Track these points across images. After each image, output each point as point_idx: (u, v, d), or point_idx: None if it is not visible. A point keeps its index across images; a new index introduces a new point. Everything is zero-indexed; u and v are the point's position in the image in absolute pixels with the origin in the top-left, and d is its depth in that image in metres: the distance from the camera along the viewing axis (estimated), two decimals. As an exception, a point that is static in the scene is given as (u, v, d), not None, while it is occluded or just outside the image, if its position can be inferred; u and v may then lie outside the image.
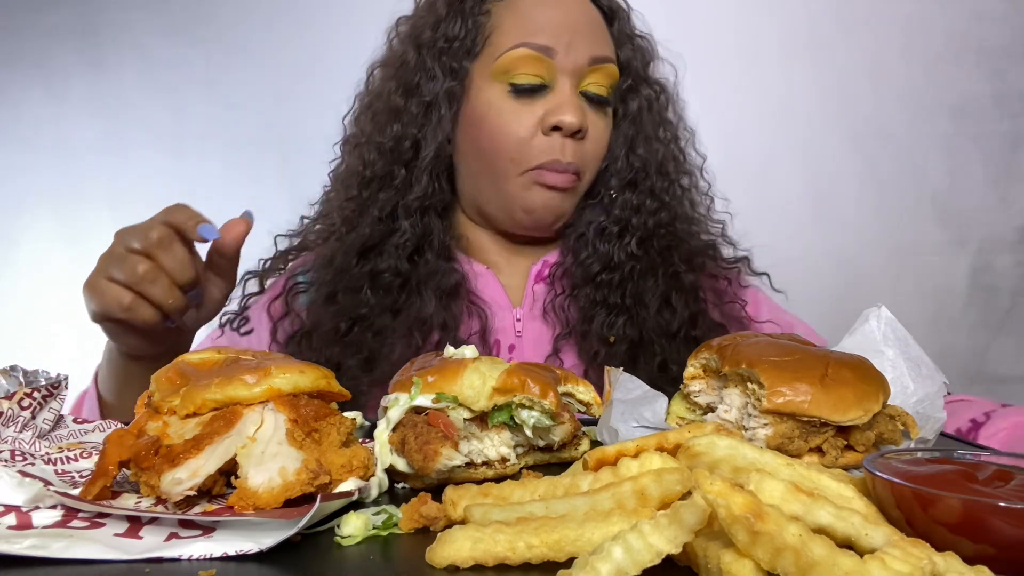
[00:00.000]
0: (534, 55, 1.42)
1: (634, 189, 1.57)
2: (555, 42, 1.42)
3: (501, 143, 1.45)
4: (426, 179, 1.49)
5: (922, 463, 0.70)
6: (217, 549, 0.66)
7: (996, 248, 2.59)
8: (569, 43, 1.43)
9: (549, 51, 1.42)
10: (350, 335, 1.47)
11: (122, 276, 1.14)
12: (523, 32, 1.44)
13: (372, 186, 1.52)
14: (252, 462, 0.75)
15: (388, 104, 1.54)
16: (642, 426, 0.98)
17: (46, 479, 0.78)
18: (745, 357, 0.93)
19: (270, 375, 0.81)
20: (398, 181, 1.50)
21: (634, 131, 1.57)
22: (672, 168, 1.62)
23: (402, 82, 1.52)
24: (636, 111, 1.57)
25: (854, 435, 0.89)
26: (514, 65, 1.43)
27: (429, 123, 1.49)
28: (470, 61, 1.48)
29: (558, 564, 0.61)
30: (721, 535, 0.56)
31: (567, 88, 1.44)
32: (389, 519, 0.73)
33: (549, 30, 1.43)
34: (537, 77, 1.43)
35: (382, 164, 1.52)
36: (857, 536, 0.60)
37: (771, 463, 0.70)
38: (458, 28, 1.48)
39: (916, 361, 1.04)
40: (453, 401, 0.88)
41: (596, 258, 1.54)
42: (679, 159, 1.66)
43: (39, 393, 1.02)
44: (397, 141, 1.51)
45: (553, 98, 1.44)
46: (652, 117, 1.60)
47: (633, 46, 1.58)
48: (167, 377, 0.85)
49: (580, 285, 1.54)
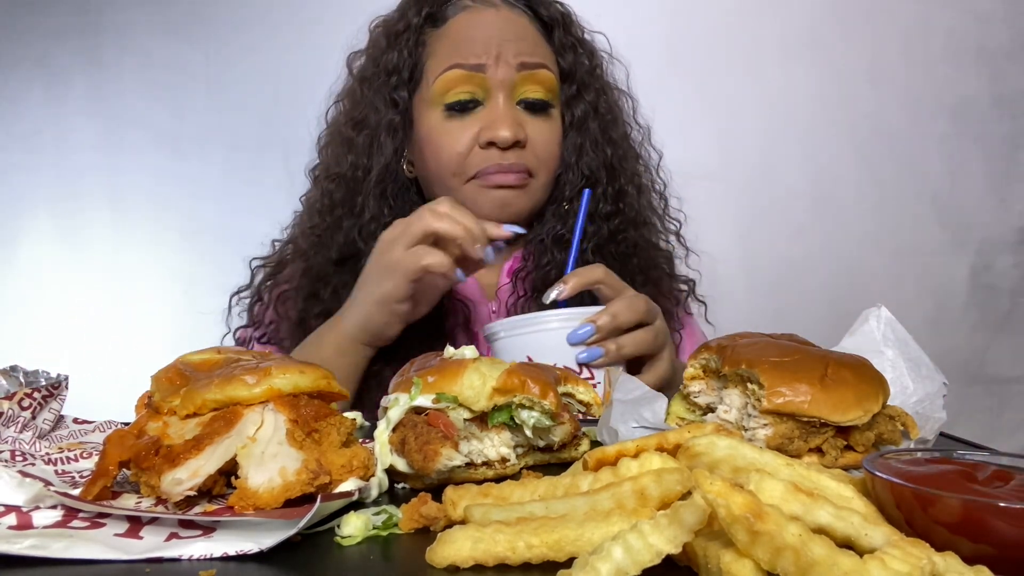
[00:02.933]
0: (465, 74, 1.48)
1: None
2: (484, 58, 1.48)
3: (443, 161, 1.52)
4: (373, 203, 1.54)
5: (922, 463, 0.70)
6: (217, 549, 0.66)
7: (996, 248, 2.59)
8: (498, 55, 1.48)
9: (479, 67, 1.48)
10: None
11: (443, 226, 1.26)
12: (453, 54, 1.50)
13: (335, 212, 1.58)
14: (252, 462, 0.75)
15: (341, 136, 1.62)
16: (642, 426, 0.98)
17: (46, 479, 0.78)
18: (745, 357, 0.93)
19: (270, 375, 0.81)
20: (357, 208, 1.56)
21: (582, 138, 1.60)
22: (624, 170, 1.65)
23: (351, 116, 1.61)
24: (582, 117, 1.61)
25: (854, 435, 0.89)
26: (447, 86, 1.49)
27: (375, 152, 1.55)
28: (410, 92, 1.55)
29: (558, 564, 0.61)
30: (721, 535, 0.56)
31: (500, 101, 1.50)
32: (389, 519, 0.73)
33: (478, 47, 1.49)
34: (468, 94, 1.49)
35: (340, 193, 1.58)
36: (857, 536, 0.60)
37: (771, 463, 0.70)
38: (396, 60, 1.54)
39: (916, 361, 1.04)
40: (453, 401, 0.88)
41: (553, 264, 1.58)
42: (631, 160, 1.69)
43: (39, 393, 1.02)
44: (352, 170, 1.57)
45: (487, 113, 1.50)
46: (600, 121, 1.63)
47: (576, 53, 1.61)
48: (167, 377, 0.85)
49: (540, 290, 1.54)
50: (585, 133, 1.61)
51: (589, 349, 1.26)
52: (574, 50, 1.61)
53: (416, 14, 1.56)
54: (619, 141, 1.67)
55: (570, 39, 1.62)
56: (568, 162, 1.60)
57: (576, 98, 1.61)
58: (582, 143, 1.61)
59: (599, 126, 1.63)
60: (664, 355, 1.35)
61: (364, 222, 1.54)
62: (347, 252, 1.54)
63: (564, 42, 1.60)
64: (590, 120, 1.61)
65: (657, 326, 1.33)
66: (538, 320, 1.28)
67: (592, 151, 1.61)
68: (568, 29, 1.63)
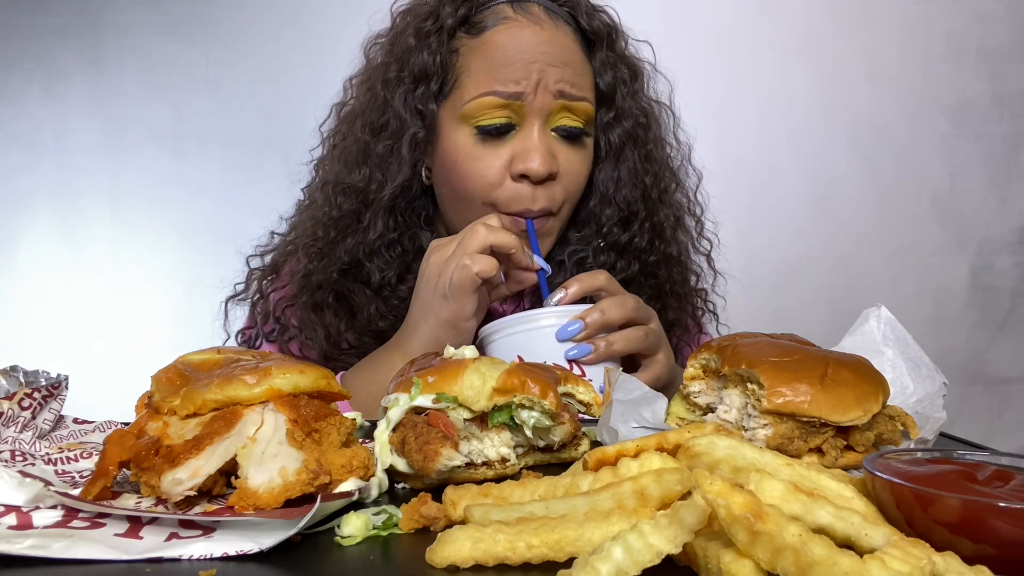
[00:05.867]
0: (502, 102, 1.40)
1: (625, 228, 1.53)
2: (523, 84, 1.39)
3: (472, 187, 1.43)
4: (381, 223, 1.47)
5: (922, 463, 0.70)
6: (217, 549, 0.66)
7: (996, 248, 2.59)
8: (538, 82, 1.39)
9: (517, 95, 1.39)
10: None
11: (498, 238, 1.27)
12: (491, 78, 1.40)
13: (340, 225, 1.49)
14: (252, 462, 0.75)
15: (356, 139, 1.51)
16: (642, 426, 0.98)
17: (46, 479, 0.78)
18: (745, 357, 0.93)
19: (270, 375, 0.81)
20: (364, 224, 1.48)
21: (618, 169, 1.52)
22: (663, 204, 1.57)
23: (368, 119, 1.50)
24: (620, 145, 1.52)
25: (854, 435, 0.89)
26: (480, 111, 1.41)
27: (392, 167, 1.47)
28: (438, 103, 1.46)
29: (558, 564, 0.61)
30: (721, 535, 0.56)
31: (535, 130, 1.41)
32: (389, 519, 0.73)
33: (517, 71, 1.39)
34: (503, 118, 1.41)
35: (350, 205, 1.49)
36: (857, 536, 0.60)
37: (771, 463, 0.70)
38: (426, 65, 1.44)
39: (916, 361, 1.04)
40: (453, 401, 0.88)
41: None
42: (671, 191, 1.61)
43: (39, 393, 1.02)
44: (365, 183, 1.48)
45: (520, 140, 1.41)
46: (639, 149, 1.54)
47: (616, 71, 1.51)
48: (167, 377, 0.85)
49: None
50: (623, 164, 1.52)
51: (579, 345, 1.25)
52: (615, 68, 1.50)
53: (451, 14, 1.44)
54: (660, 171, 1.57)
55: (612, 57, 1.51)
56: (604, 193, 1.52)
57: (613, 124, 1.51)
58: (619, 175, 1.52)
59: (638, 155, 1.53)
60: (660, 357, 1.34)
61: (369, 240, 1.47)
62: (350, 265, 1.49)
63: (606, 60, 1.49)
64: (628, 148, 1.52)
65: (650, 326, 1.32)
66: (528, 318, 1.28)
67: (631, 182, 1.52)
68: (612, 46, 1.51)
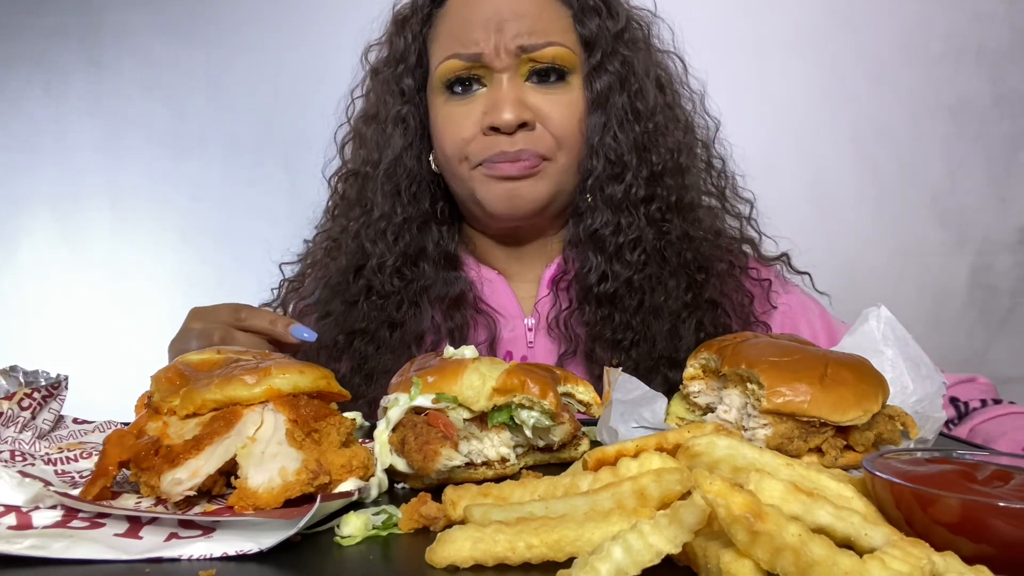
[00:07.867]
0: (463, 64, 1.38)
1: (619, 182, 1.40)
2: (481, 45, 1.36)
3: (447, 148, 1.41)
4: (382, 200, 1.47)
5: (921, 463, 0.70)
6: (217, 549, 0.66)
7: (996, 248, 2.59)
8: (497, 41, 1.35)
9: (477, 57, 1.37)
10: (350, 350, 1.46)
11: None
12: (453, 42, 1.40)
13: (348, 213, 1.52)
14: (252, 462, 0.75)
15: (356, 133, 1.56)
16: (642, 426, 0.98)
17: (46, 479, 0.78)
18: (745, 357, 0.93)
19: (270, 375, 0.81)
20: (367, 205, 1.49)
21: (605, 116, 1.40)
22: (659, 146, 1.42)
23: (364, 111, 1.55)
24: (605, 90, 1.40)
25: (853, 435, 0.89)
26: (447, 75, 1.40)
27: (383, 146, 1.49)
28: (420, 80, 1.48)
29: (558, 564, 0.61)
30: (721, 535, 0.56)
31: (504, 82, 1.37)
32: (389, 519, 0.73)
33: (476, 31, 1.37)
34: (467, 72, 1.38)
35: (353, 191, 1.53)
36: (857, 536, 0.60)
37: (771, 463, 0.70)
38: (402, 47, 1.47)
39: (915, 361, 1.04)
40: (453, 401, 0.88)
41: (594, 268, 1.40)
42: (671, 133, 1.45)
43: (39, 393, 1.02)
44: (362, 165, 1.52)
45: (490, 95, 1.38)
46: (627, 94, 1.41)
47: (600, 16, 1.41)
48: (167, 377, 0.85)
49: (583, 300, 1.43)
50: (610, 109, 1.40)
51: None
52: (597, 12, 1.41)
53: None
54: (654, 113, 1.43)
55: (593, 2, 1.42)
56: (591, 143, 1.40)
57: (598, 69, 1.40)
58: (606, 121, 1.40)
59: (627, 99, 1.41)
60: None
61: (373, 220, 1.46)
62: (357, 258, 1.47)
63: (585, 4, 1.41)
64: (615, 94, 1.40)
65: None
66: None
67: (617, 130, 1.39)
68: None
